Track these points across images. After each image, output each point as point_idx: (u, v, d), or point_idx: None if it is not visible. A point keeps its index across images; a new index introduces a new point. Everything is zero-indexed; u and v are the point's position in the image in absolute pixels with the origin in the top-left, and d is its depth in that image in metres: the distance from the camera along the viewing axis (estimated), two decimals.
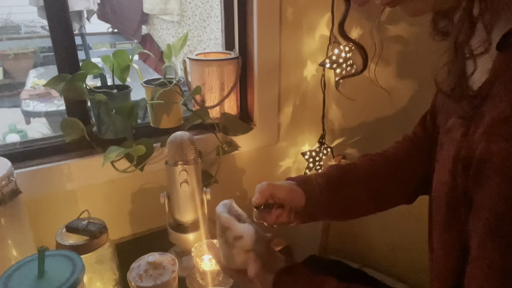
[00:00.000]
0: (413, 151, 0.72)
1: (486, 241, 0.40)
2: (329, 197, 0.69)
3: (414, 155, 0.71)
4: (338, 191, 0.69)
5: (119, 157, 0.90)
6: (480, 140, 0.41)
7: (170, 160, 0.82)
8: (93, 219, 0.75)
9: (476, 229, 0.42)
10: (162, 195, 0.86)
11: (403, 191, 0.72)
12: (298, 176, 0.72)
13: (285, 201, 0.69)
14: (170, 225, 0.89)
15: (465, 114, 0.46)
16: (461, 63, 0.45)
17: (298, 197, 0.68)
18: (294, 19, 1.06)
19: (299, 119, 1.20)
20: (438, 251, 0.55)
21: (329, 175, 0.70)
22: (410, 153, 0.72)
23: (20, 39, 4.00)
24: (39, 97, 2.58)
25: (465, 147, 0.45)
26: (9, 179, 0.70)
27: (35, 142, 0.93)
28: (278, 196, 0.68)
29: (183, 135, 0.81)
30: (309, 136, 1.24)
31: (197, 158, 0.83)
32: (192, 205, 0.85)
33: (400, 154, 0.73)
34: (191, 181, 0.82)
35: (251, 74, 1.10)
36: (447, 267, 0.53)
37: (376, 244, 1.12)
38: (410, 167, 0.71)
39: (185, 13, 2.42)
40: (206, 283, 0.76)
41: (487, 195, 0.40)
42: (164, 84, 0.98)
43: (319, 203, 0.69)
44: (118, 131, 0.94)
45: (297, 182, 0.69)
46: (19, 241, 0.74)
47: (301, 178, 0.71)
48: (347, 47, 1.04)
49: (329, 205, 0.69)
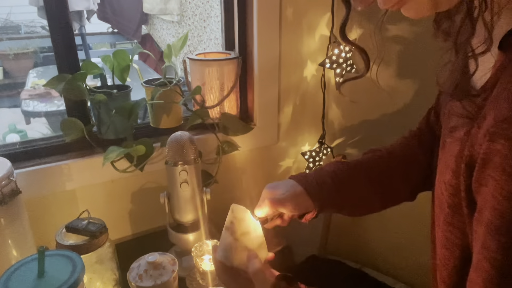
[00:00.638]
0: (419, 147, 0.71)
1: (488, 241, 0.40)
2: (338, 199, 0.68)
3: (419, 152, 0.71)
4: (347, 192, 0.68)
5: (119, 157, 0.90)
6: (483, 139, 0.41)
7: (170, 160, 0.82)
8: (93, 219, 0.75)
9: (478, 231, 0.42)
10: (162, 195, 0.86)
11: (408, 188, 0.71)
12: (303, 177, 0.69)
13: (290, 213, 0.67)
14: (170, 225, 0.89)
15: (467, 114, 0.46)
16: (463, 63, 0.45)
17: (305, 205, 0.67)
18: (294, 19, 1.06)
19: (299, 119, 1.20)
20: (440, 249, 0.55)
21: (339, 175, 0.68)
22: (416, 150, 0.71)
23: (20, 39, 4.01)
24: (39, 97, 2.58)
25: (468, 146, 0.44)
26: (9, 179, 0.70)
27: (35, 142, 0.93)
28: (283, 212, 0.66)
29: (183, 135, 0.81)
30: (309, 136, 1.24)
31: (197, 158, 0.83)
32: (192, 205, 0.85)
33: (407, 150, 0.72)
34: (191, 181, 0.82)
35: (251, 74, 1.10)
36: (449, 266, 0.52)
37: (376, 244, 1.12)
38: (416, 163, 0.70)
39: (185, 13, 2.42)
40: (206, 283, 0.76)
41: (490, 194, 0.39)
42: (164, 84, 0.98)
43: (327, 205, 0.67)
44: (118, 131, 0.94)
45: (304, 188, 0.67)
46: (19, 241, 0.74)
47: (308, 183, 0.67)
48: (347, 47, 1.04)
49: (336, 205, 0.69)
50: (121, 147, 0.90)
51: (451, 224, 0.51)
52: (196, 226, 0.88)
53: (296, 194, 0.67)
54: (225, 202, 0.92)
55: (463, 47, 0.43)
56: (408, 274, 1.05)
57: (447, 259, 0.53)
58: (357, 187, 0.69)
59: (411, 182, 0.71)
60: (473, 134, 0.44)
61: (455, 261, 0.51)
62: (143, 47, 1.28)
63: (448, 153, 0.51)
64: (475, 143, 0.43)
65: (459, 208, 0.48)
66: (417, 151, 0.71)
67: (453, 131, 0.51)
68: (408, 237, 1.05)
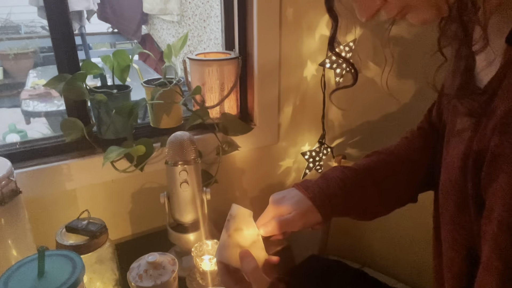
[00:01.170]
0: (423, 148, 0.70)
1: (501, 239, 0.39)
2: (346, 209, 0.66)
3: (424, 153, 0.69)
4: (355, 201, 0.66)
5: (119, 157, 0.90)
6: (492, 133, 0.40)
7: (170, 160, 0.82)
8: (93, 219, 0.75)
9: (488, 229, 0.41)
10: (162, 195, 0.86)
11: (413, 191, 0.70)
12: (310, 188, 0.65)
13: (297, 230, 0.64)
14: (170, 225, 0.89)
15: (474, 112, 0.45)
16: (464, 63, 0.45)
17: (314, 221, 0.63)
18: (294, 19, 1.06)
19: (299, 119, 1.20)
20: (447, 250, 0.54)
21: (347, 184, 0.65)
22: (420, 151, 0.70)
23: (20, 39, 4.01)
24: (39, 97, 2.58)
25: (477, 142, 0.44)
26: (9, 179, 0.70)
27: (35, 142, 0.93)
28: (290, 232, 0.64)
29: (183, 135, 0.81)
30: (309, 136, 1.24)
31: (197, 158, 0.83)
32: (192, 205, 0.85)
33: (411, 152, 0.71)
34: (191, 181, 0.82)
35: (251, 74, 1.10)
36: (456, 267, 0.51)
37: (376, 244, 1.12)
38: (421, 165, 0.69)
39: (185, 13, 2.42)
40: (206, 283, 0.76)
41: (501, 189, 0.38)
42: (164, 84, 0.98)
43: (334, 215, 0.66)
44: (118, 131, 0.94)
45: (313, 202, 0.63)
46: (19, 241, 0.74)
47: (316, 196, 0.64)
48: (347, 47, 1.04)
49: (344, 213, 0.67)
50: (121, 147, 0.90)
51: (457, 223, 0.50)
52: (196, 226, 0.88)
53: (304, 212, 0.63)
54: (225, 202, 0.92)
55: (461, 47, 0.43)
56: (409, 274, 1.05)
57: (453, 260, 0.52)
58: (365, 196, 0.67)
59: (416, 184, 0.70)
60: (482, 130, 0.43)
61: (462, 262, 0.50)
62: (143, 47, 1.29)
63: (455, 151, 0.50)
64: (484, 138, 0.42)
65: (466, 207, 0.47)
66: (421, 152, 0.70)
67: (459, 128, 0.51)
68: (408, 237, 1.05)
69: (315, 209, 0.63)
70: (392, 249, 1.09)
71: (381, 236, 1.11)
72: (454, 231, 0.51)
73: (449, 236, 0.52)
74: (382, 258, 1.11)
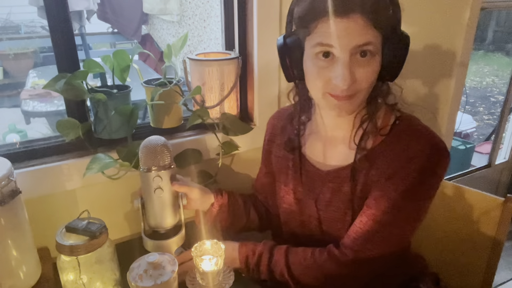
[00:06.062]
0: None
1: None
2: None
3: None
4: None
5: (101, 171, 0.88)
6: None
7: (143, 166, 0.79)
8: (93, 219, 0.75)
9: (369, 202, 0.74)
10: (136, 201, 0.83)
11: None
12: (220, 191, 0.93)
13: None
14: (145, 233, 0.84)
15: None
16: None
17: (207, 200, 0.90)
18: None
19: None
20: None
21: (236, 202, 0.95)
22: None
23: (20, 39, 4.02)
24: (39, 97, 2.58)
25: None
26: (9, 179, 0.70)
27: (35, 142, 0.93)
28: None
29: (158, 140, 0.78)
30: None
31: (171, 163, 0.80)
32: (168, 211, 0.82)
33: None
34: (165, 187, 0.80)
35: (251, 74, 1.10)
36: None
37: None
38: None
39: (185, 13, 2.42)
40: (206, 283, 0.76)
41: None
42: (164, 84, 0.98)
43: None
44: (113, 131, 0.94)
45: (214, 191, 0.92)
46: (19, 241, 0.73)
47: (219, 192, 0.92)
48: None
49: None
50: (119, 147, 0.90)
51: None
52: (172, 233, 0.84)
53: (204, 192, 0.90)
54: None
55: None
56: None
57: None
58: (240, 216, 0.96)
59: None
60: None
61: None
62: (143, 47, 1.29)
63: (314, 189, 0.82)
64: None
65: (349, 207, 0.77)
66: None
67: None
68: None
69: (211, 194, 0.90)
70: None
71: None
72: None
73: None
74: None
